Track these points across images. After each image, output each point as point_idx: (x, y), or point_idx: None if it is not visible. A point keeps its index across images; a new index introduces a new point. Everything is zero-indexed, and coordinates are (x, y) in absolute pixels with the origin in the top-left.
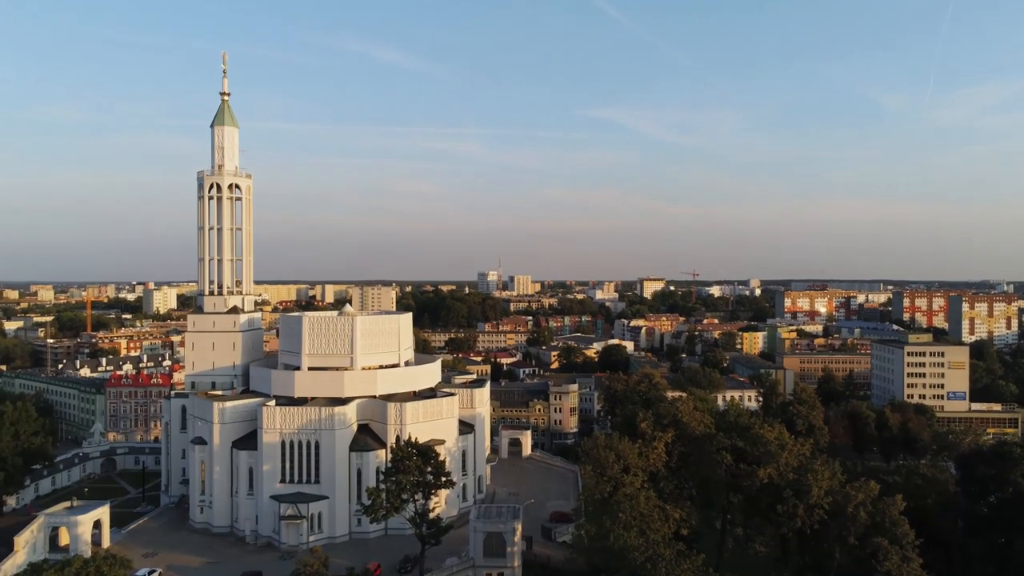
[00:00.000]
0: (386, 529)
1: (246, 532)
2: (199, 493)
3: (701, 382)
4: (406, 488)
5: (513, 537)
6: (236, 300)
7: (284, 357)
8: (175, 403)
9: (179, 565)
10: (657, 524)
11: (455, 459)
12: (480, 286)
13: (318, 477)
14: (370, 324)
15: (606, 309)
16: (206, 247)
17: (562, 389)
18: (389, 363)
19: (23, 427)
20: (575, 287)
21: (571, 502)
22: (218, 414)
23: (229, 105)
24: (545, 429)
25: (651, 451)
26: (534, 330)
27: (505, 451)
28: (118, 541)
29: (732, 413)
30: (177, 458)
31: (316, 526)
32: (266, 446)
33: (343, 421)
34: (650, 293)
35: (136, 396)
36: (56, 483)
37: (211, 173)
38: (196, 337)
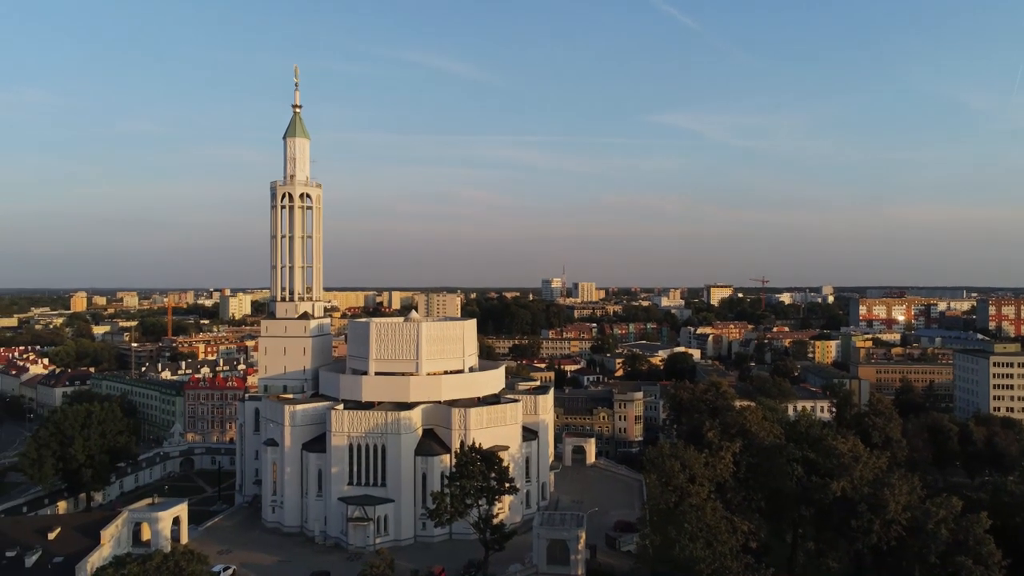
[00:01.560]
0: (450, 533)
1: (315, 532)
2: (271, 493)
3: (770, 391)
4: (470, 493)
5: (577, 545)
6: (307, 306)
7: (352, 362)
8: (249, 406)
9: (252, 563)
10: (724, 536)
11: (519, 465)
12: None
13: (384, 480)
14: (435, 330)
15: (671, 316)
16: (278, 255)
17: (627, 397)
18: (454, 369)
19: (109, 427)
20: (640, 294)
21: (636, 511)
22: (289, 417)
23: (301, 117)
24: (609, 437)
25: (718, 461)
26: (598, 337)
27: (569, 458)
28: (195, 537)
29: (803, 424)
30: (251, 459)
31: (382, 528)
32: (334, 449)
33: (409, 426)
34: (717, 300)
35: (213, 398)
36: (139, 480)
37: (283, 183)
38: (268, 342)
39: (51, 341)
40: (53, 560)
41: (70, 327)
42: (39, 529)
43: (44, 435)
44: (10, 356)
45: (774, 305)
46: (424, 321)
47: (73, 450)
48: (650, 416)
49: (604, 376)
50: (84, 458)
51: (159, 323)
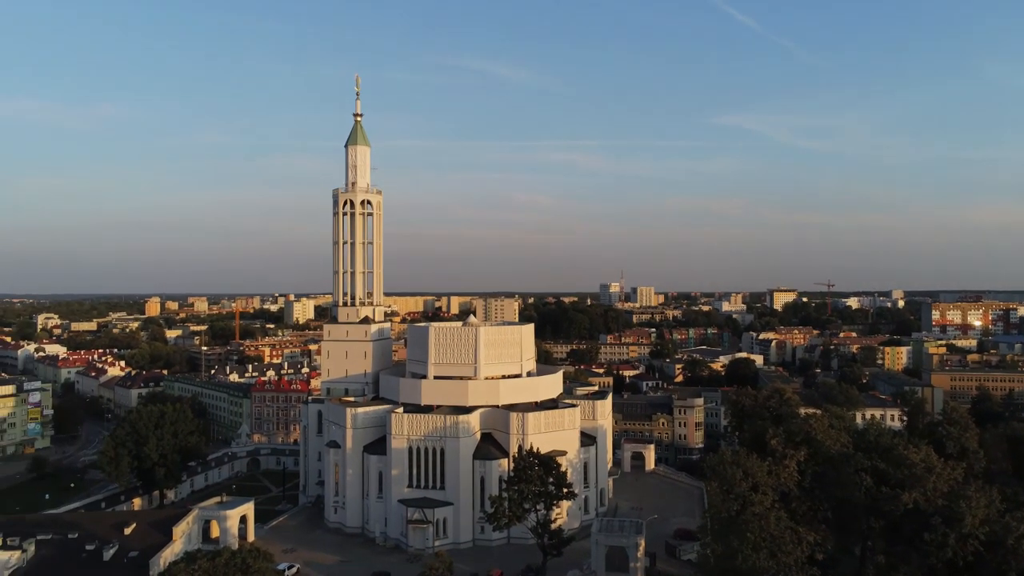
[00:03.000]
0: (508, 537)
1: (376, 533)
2: (333, 494)
3: (837, 399)
4: (528, 498)
5: (636, 552)
6: (367, 311)
7: (411, 366)
8: (312, 408)
9: (315, 562)
10: (789, 547)
11: (577, 471)
12: (602, 298)
13: (443, 483)
14: (493, 334)
15: (733, 321)
16: (340, 260)
17: (687, 403)
18: (511, 373)
19: (181, 427)
20: (700, 299)
21: (696, 519)
22: (350, 419)
23: (362, 125)
24: (669, 444)
25: (782, 469)
26: (657, 342)
27: (628, 465)
28: (261, 536)
29: (872, 432)
30: (314, 460)
31: (441, 531)
32: (394, 451)
33: (467, 429)
34: (780, 305)
35: (278, 400)
36: (208, 479)
37: (345, 190)
38: (331, 346)
39: (127, 344)
40: (129, 554)
41: (145, 331)
42: (116, 524)
43: (121, 434)
44: (90, 359)
45: (840, 310)
46: (482, 325)
47: (147, 449)
48: (711, 423)
49: (663, 382)
50: (157, 457)
51: (227, 327)
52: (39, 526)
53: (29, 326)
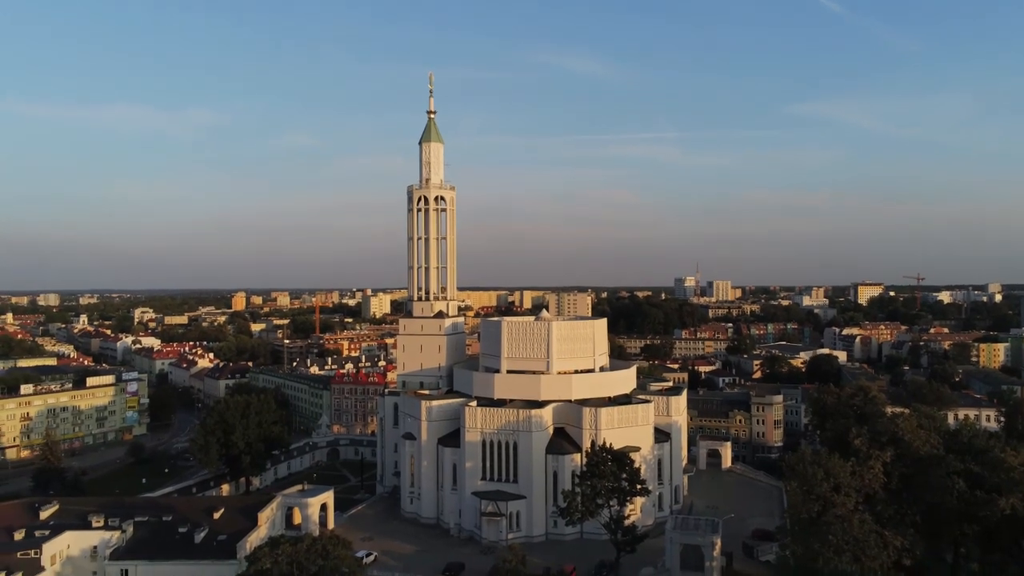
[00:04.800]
0: (582, 532)
1: (450, 525)
2: (409, 485)
3: (927, 397)
4: (601, 493)
5: (712, 551)
6: (441, 305)
7: (484, 360)
8: (388, 400)
9: (392, 551)
10: (874, 551)
11: (650, 467)
12: (677, 292)
13: (516, 477)
14: (565, 329)
15: (814, 316)
16: (415, 256)
17: (765, 400)
18: (584, 368)
19: (265, 417)
20: (779, 293)
21: (775, 520)
22: (425, 412)
23: (435, 122)
24: (746, 441)
25: (866, 470)
26: (734, 337)
27: (703, 462)
28: (341, 524)
29: (966, 433)
30: (390, 451)
31: (515, 524)
32: (468, 444)
33: (540, 424)
34: (866, 299)
35: (356, 393)
36: (291, 468)
37: (419, 187)
38: (406, 340)
39: (215, 337)
40: (218, 538)
41: (231, 324)
42: (206, 508)
43: (210, 423)
44: (181, 351)
45: (931, 304)
46: (555, 320)
47: (234, 438)
48: (790, 421)
49: (740, 378)
50: (244, 445)
51: (308, 321)
52: (137, 508)
53: (127, 320)
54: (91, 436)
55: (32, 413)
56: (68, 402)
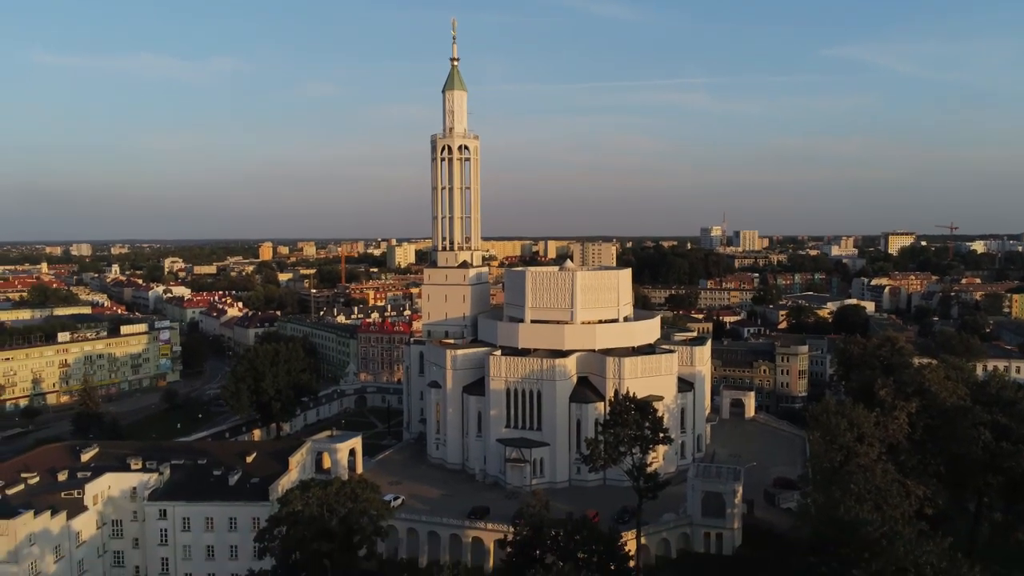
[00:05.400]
0: (604, 479)
1: (475, 470)
2: (435, 432)
3: (956, 349)
4: (624, 441)
5: (733, 499)
6: (466, 255)
7: (509, 310)
8: (414, 349)
9: (419, 495)
10: (896, 500)
11: (673, 416)
12: (703, 242)
13: (540, 425)
14: (590, 279)
15: (843, 266)
16: (439, 206)
17: (790, 350)
18: (608, 318)
19: (294, 365)
20: (807, 243)
21: (797, 469)
22: (450, 361)
23: (458, 70)
24: (770, 391)
25: (891, 421)
26: (760, 288)
27: (726, 411)
28: (369, 468)
29: (994, 385)
30: (416, 399)
31: (538, 470)
32: (493, 393)
33: (563, 373)
34: (896, 249)
35: (382, 342)
36: (319, 415)
37: (442, 136)
38: (431, 289)
39: (244, 287)
40: (251, 481)
41: (259, 274)
42: (239, 453)
43: (240, 371)
44: (211, 300)
45: (964, 254)
46: (579, 270)
47: (264, 385)
48: (815, 371)
49: (766, 328)
50: (273, 392)
51: (334, 271)
52: (172, 452)
53: (157, 269)
54: (127, 383)
55: (70, 360)
56: (104, 350)
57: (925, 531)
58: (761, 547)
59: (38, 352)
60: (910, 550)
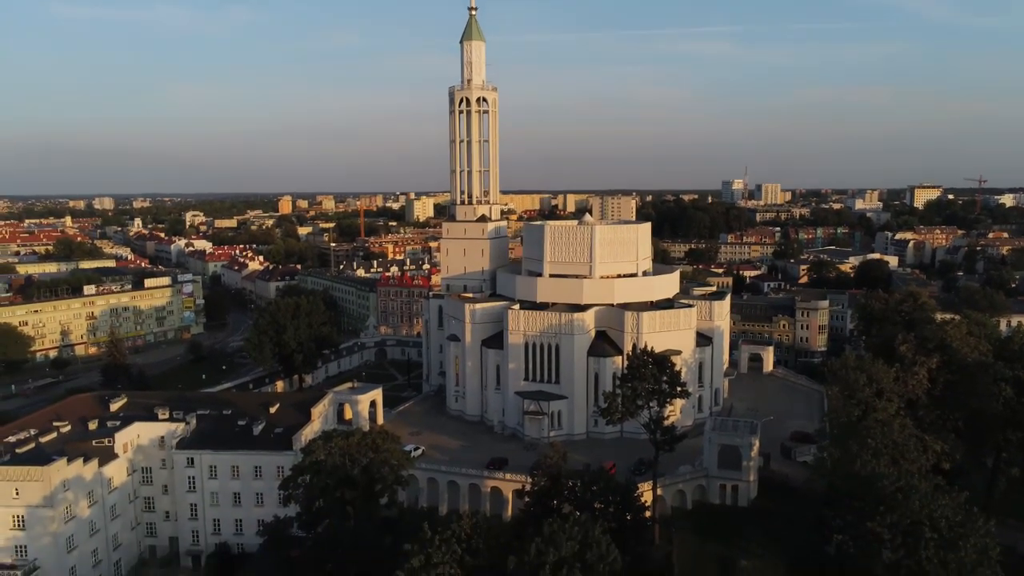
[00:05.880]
0: (621, 432)
1: (494, 422)
2: (454, 384)
3: (980, 304)
4: (641, 395)
5: (749, 452)
6: (484, 209)
7: (527, 264)
8: (433, 303)
9: (439, 445)
10: (913, 454)
11: (691, 370)
12: (724, 195)
13: (558, 378)
14: (609, 233)
15: (866, 220)
16: (457, 159)
17: (811, 305)
18: (627, 272)
19: (315, 318)
20: (831, 196)
21: (814, 423)
22: (469, 315)
23: (476, 20)
24: (789, 346)
25: (910, 376)
26: (781, 242)
27: (744, 366)
28: (389, 419)
29: (1017, 340)
30: (435, 352)
31: (556, 423)
32: (511, 346)
33: (582, 327)
34: (922, 203)
35: (401, 295)
36: (341, 367)
37: (460, 88)
38: (449, 243)
39: (264, 240)
40: (275, 431)
41: (279, 228)
42: (263, 403)
43: (263, 324)
44: (232, 253)
45: (992, 208)
46: (598, 224)
47: (286, 337)
48: (836, 326)
49: (786, 283)
50: (295, 345)
51: (353, 225)
52: (198, 402)
53: (179, 223)
54: (152, 335)
55: (96, 312)
56: (129, 302)
57: (941, 485)
58: (776, 500)
59: (65, 305)
60: (925, 504)
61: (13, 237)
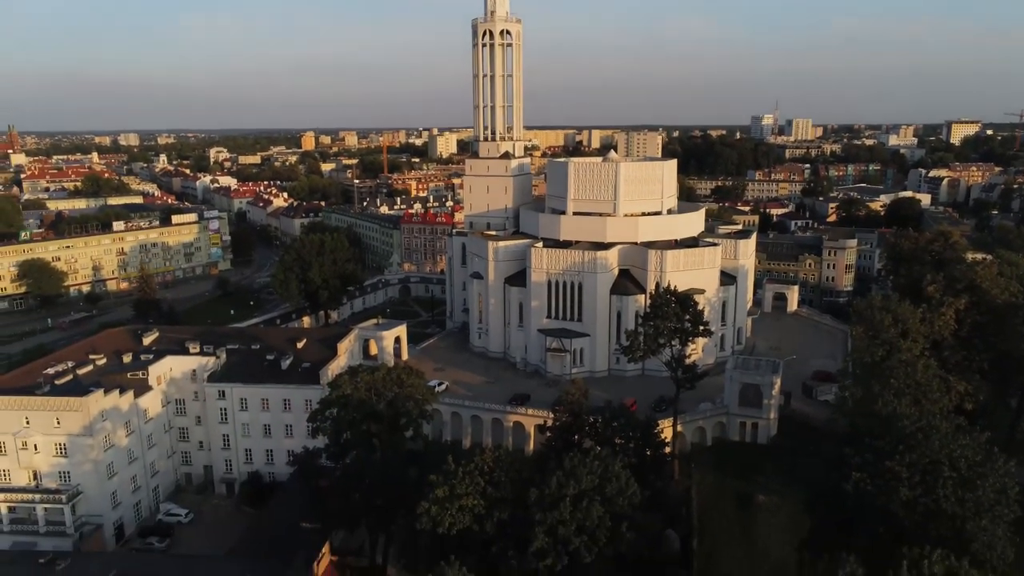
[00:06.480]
0: (643, 369)
1: (517, 359)
2: (477, 321)
3: (1013, 244)
4: (663, 333)
5: (771, 390)
6: (508, 146)
7: (551, 201)
8: (456, 241)
9: (462, 381)
10: (936, 395)
11: (714, 309)
12: (753, 131)
13: (580, 316)
14: (633, 171)
15: (900, 157)
16: (480, 94)
17: (838, 244)
18: (651, 210)
19: (339, 255)
20: (864, 132)
21: (837, 363)
22: (492, 253)
23: None
24: (815, 285)
25: (937, 317)
26: (811, 179)
27: (768, 305)
28: (414, 355)
29: None
30: (459, 289)
31: (578, 360)
32: (534, 284)
33: (605, 265)
34: (959, 139)
35: (424, 232)
36: (365, 303)
37: (484, 20)
38: (472, 181)
39: (288, 177)
40: (302, 365)
41: (302, 164)
42: (290, 339)
43: (288, 260)
44: (257, 190)
45: None
46: (623, 161)
47: (311, 274)
48: (863, 266)
49: (814, 221)
50: (320, 281)
51: (376, 161)
52: (227, 337)
53: (203, 160)
54: (180, 271)
55: (126, 248)
56: (157, 238)
57: (963, 426)
58: (796, 438)
59: (96, 240)
60: (945, 444)
61: (42, 173)
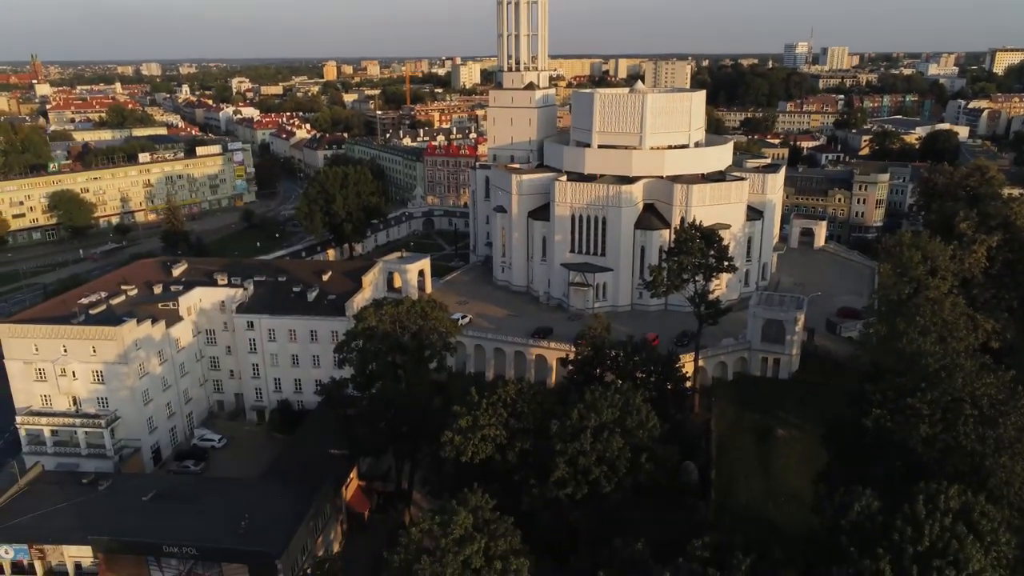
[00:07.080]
0: (666, 304)
1: (539, 293)
2: (500, 255)
3: None
4: (687, 269)
5: (794, 326)
6: (532, 76)
7: (575, 134)
8: (480, 174)
9: (485, 314)
10: (962, 333)
11: (740, 244)
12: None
13: (604, 250)
14: (660, 102)
15: (939, 87)
16: (504, 22)
17: (869, 178)
18: (678, 143)
19: (363, 188)
20: (903, 60)
21: (863, 300)
22: (516, 186)
23: None
24: (844, 221)
25: (968, 255)
26: (844, 111)
27: (795, 241)
28: (437, 288)
29: None
30: (482, 222)
31: (601, 294)
32: (558, 219)
33: (629, 199)
34: (1003, 68)
35: (448, 165)
36: (389, 236)
37: None
38: (496, 112)
39: (310, 108)
40: (328, 297)
41: (324, 95)
42: (315, 271)
43: (312, 193)
44: (280, 121)
45: None
46: (650, 93)
47: (335, 207)
48: (894, 201)
49: (846, 155)
50: (344, 214)
51: (398, 91)
52: (254, 268)
53: (225, 90)
54: (207, 202)
55: (152, 180)
56: (182, 170)
57: (987, 364)
58: (818, 374)
59: (123, 172)
60: (968, 382)
61: (67, 104)
